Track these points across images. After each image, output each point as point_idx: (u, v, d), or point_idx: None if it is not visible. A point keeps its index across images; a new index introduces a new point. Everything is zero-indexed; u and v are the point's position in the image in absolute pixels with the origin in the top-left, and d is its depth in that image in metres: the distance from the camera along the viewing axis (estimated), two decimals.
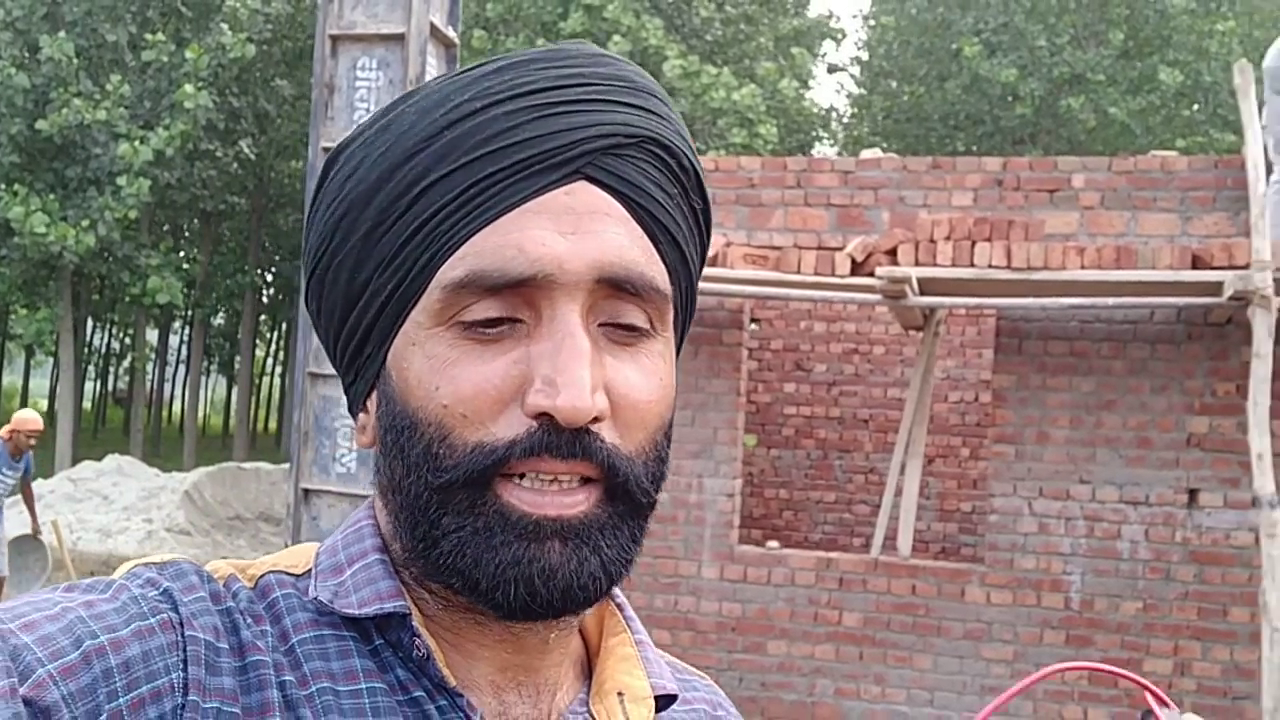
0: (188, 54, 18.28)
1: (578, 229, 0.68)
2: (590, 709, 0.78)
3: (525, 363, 0.67)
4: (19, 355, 40.98)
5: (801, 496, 10.65)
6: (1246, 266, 5.59)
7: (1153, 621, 6.43)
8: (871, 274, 6.16)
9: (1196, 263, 5.95)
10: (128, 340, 36.61)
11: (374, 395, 0.74)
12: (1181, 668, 6.38)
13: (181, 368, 40.66)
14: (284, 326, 35.69)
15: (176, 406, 43.94)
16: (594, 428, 0.67)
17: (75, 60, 18.13)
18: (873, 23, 23.24)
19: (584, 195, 0.69)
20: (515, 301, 0.68)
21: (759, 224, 6.96)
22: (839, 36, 19.98)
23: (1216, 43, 16.89)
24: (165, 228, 25.17)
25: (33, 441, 9.10)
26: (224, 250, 25.93)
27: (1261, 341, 5.44)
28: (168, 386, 41.89)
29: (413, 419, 0.69)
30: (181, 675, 0.65)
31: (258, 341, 35.17)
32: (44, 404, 43.45)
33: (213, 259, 24.77)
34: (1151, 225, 6.50)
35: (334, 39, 4.22)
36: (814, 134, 19.90)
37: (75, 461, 18.13)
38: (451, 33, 4.50)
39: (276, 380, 42.71)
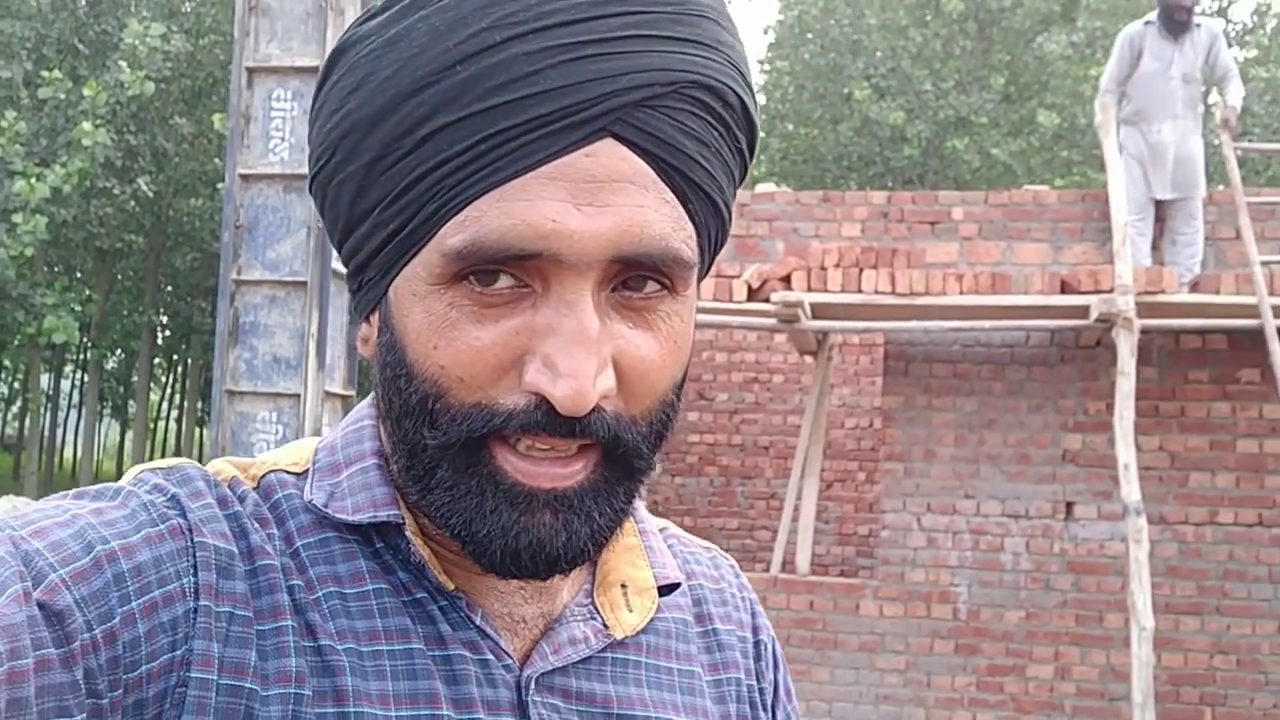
0: (85, 91, 18.09)
1: (595, 200, 0.62)
2: (595, 601, 0.77)
3: (528, 333, 0.64)
4: None
5: (706, 523, 10.88)
6: (1110, 291, 6.01)
7: (1035, 629, 6.78)
8: (767, 300, 6.47)
9: (1065, 288, 6.37)
10: (16, 384, 35.63)
11: (377, 314, 0.71)
12: (1062, 672, 6.74)
13: (74, 412, 39.58)
14: (181, 369, 35.08)
15: (68, 452, 42.75)
16: (601, 404, 0.64)
17: None
18: (768, 68, 23.89)
19: (607, 158, 0.63)
20: (526, 269, 0.63)
21: None
22: None
23: (1090, 87, 17.78)
24: (58, 268, 24.69)
25: None
26: (120, 290, 25.51)
27: (1125, 360, 5.85)
28: (59, 431, 40.74)
29: (410, 369, 0.66)
30: (193, 580, 0.65)
31: (153, 385, 34.46)
32: None
33: (109, 298, 24.36)
34: (1025, 254, 6.92)
35: (250, 71, 4.38)
36: None
37: None
38: None
39: (173, 425, 41.85)
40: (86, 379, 27.70)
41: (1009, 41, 19.22)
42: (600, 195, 0.62)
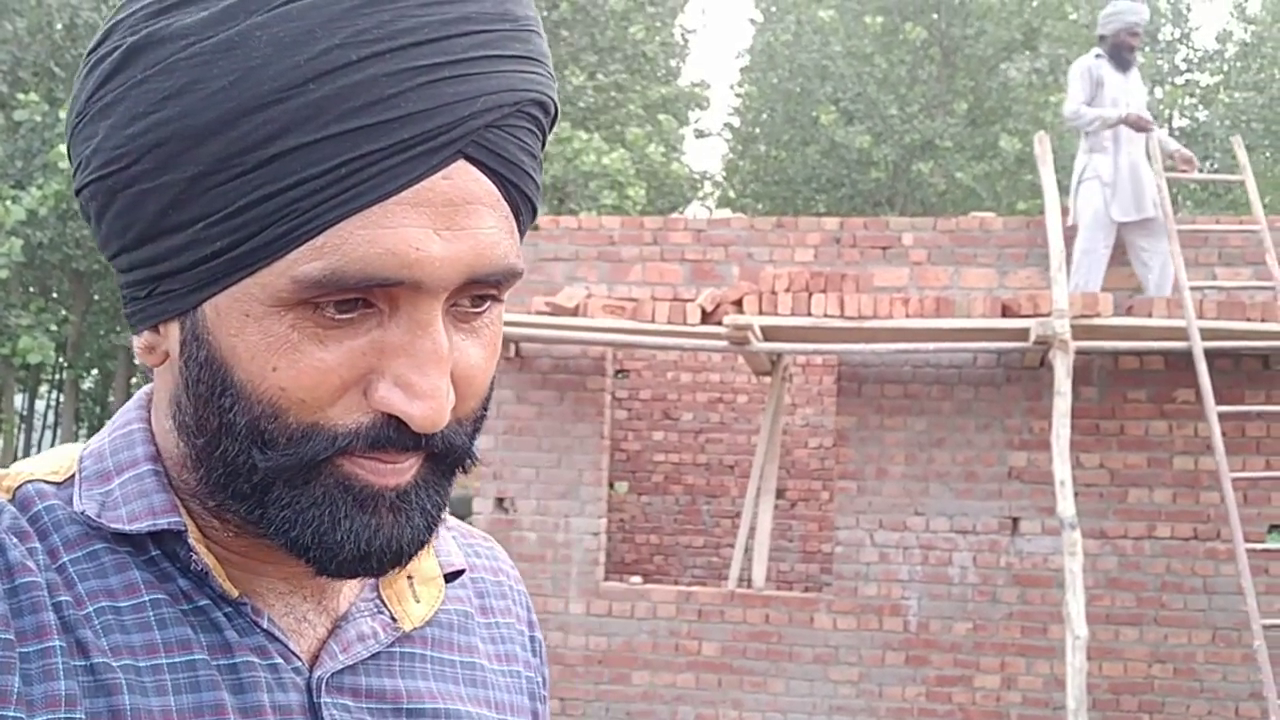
0: (61, 114, 18.22)
1: (453, 224, 0.62)
2: (380, 594, 0.76)
3: (376, 352, 0.63)
4: None
5: (671, 541, 11.06)
6: (1049, 314, 6.27)
7: (982, 640, 7.00)
8: (720, 323, 6.70)
9: (1006, 312, 6.62)
10: None
11: (172, 326, 0.67)
12: (1008, 682, 6.96)
13: (48, 432, 39.47)
14: None
15: None
16: None
17: None
18: (740, 91, 24.22)
19: (461, 180, 0.63)
20: (372, 292, 0.62)
21: (618, 278, 7.47)
22: (704, 104, 20.85)
23: (1051, 113, 18.19)
24: (32, 289, 24.75)
25: None
26: (97, 310, 25.58)
27: (1061, 381, 6.11)
28: (34, 451, 40.57)
29: (241, 389, 0.63)
30: None
31: None
32: None
33: (85, 319, 24.43)
34: (972, 279, 7.18)
35: None
36: (683, 196, 20.66)
37: None
38: None
39: None
40: (63, 399, 27.69)
41: (972, 68, 19.60)
42: (457, 219, 0.62)
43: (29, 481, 0.69)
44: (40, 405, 38.43)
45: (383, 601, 0.76)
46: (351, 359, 0.63)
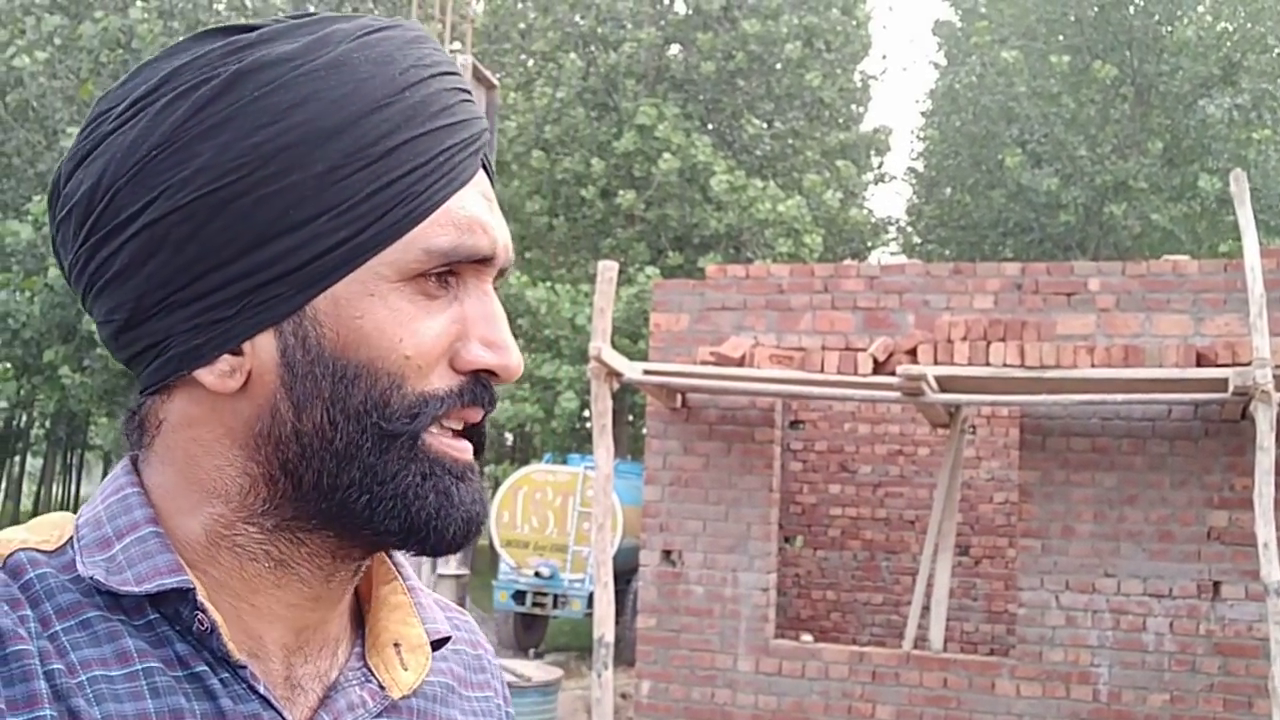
0: None
1: (493, 212, 0.75)
2: (367, 662, 0.78)
3: (461, 321, 0.73)
4: (96, 465, 42.10)
5: (849, 598, 10.77)
6: (1249, 364, 5.83)
7: (1180, 713, 6.52)
8: (893, 373, 6.48)
9: (1202, 360, 6.20)
10: None
11: (264, 339, 0.70)
12: None
13: None
14: None
15: None
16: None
17: None
18: (924, 135, 23.81)
19: (484, 181, 0.77)
20: (461, 267, 0.73)
21: (787, 327, 7.33)
22: (884, 149, 20.54)
23: (1254, 150, 17.17)
24: None
25: None
26: None
27: (1264, 435, 5.66)
28: None
29: (364, 367, 0.70)
30: None
31: None
32: None
33: None
34: (1165, 326, 6.76)
35: None
36: (864, 243, 20.35)
37: None
38: (493, 77, 4.89)
39: None
40: None
41: (1168, 106, 18.74)
42: (494, 210, 0.76)
43: (20, 549, 0.70)
44: None
45: (370, 670, 0.78)
46: (448, 326, 0.72)
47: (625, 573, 11.97)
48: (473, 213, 0.72)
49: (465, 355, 0.72)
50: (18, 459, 35.44)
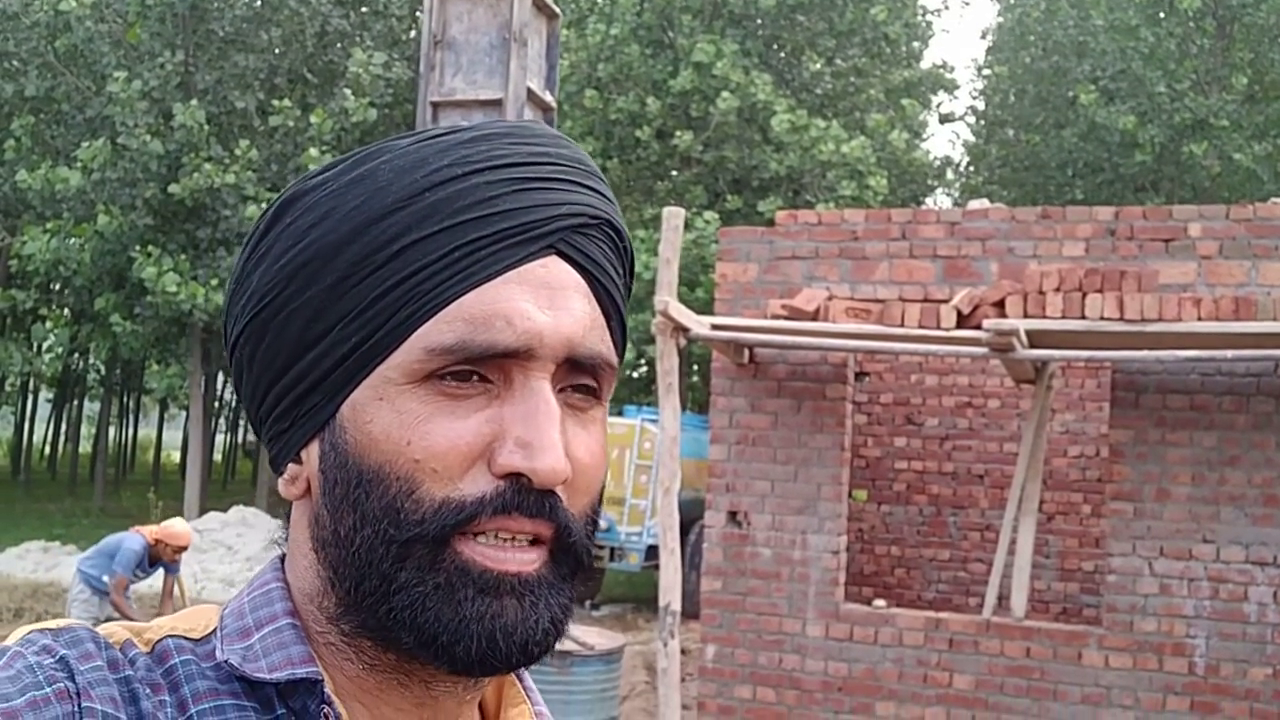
0: (313, 119, 18.96)
1: (553, 304, 0.71)
2: None
3: (497, 422, 0.69)
4: (153, 409, 42.57)
5: (914, 554, 10.44)
6: None
7: None
8: (978, 326, 6.04)
9: None
10: None
11: (313, 446, 0.73)
12: None
13: None
14: None
15: None
16: (557, 489, 0.69)
17: (206, 127, 18.94)
18: (987, 72, 23.00)
19: (556, 270, 0.72)
20: (488, 366, 0.69)
21: (863, 277, 6.90)
22: (951, 87, 19.80)
23: None
24: None
25: (177, 557, 8.47)
26: None
27: None
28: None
29: (377, 473, 0.69)
30: None
31: None
32: (176, 455, 44.98)
33: None
34: (1273, 275, 6.26)
35: (435, 105, 4.35)
36: (928, 184, 19.71)
37: (203, 512, 18.71)
38: (549, 97, 4.60)
39: None
40: None
41: (1252, 38, 17.84)
42: (556, 300, 0.71)
43: (169, 636, 0.73)
44: None
45: None
46: (476, 429, 0.69)
47: (682, 525, 11.73)
48: (497, 306, 0.69)
49: (498, 458, 0.68)
50: (76, 403, 35.84)
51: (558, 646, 0.72)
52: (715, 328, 6.47)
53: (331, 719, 0.70)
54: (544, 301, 0.70)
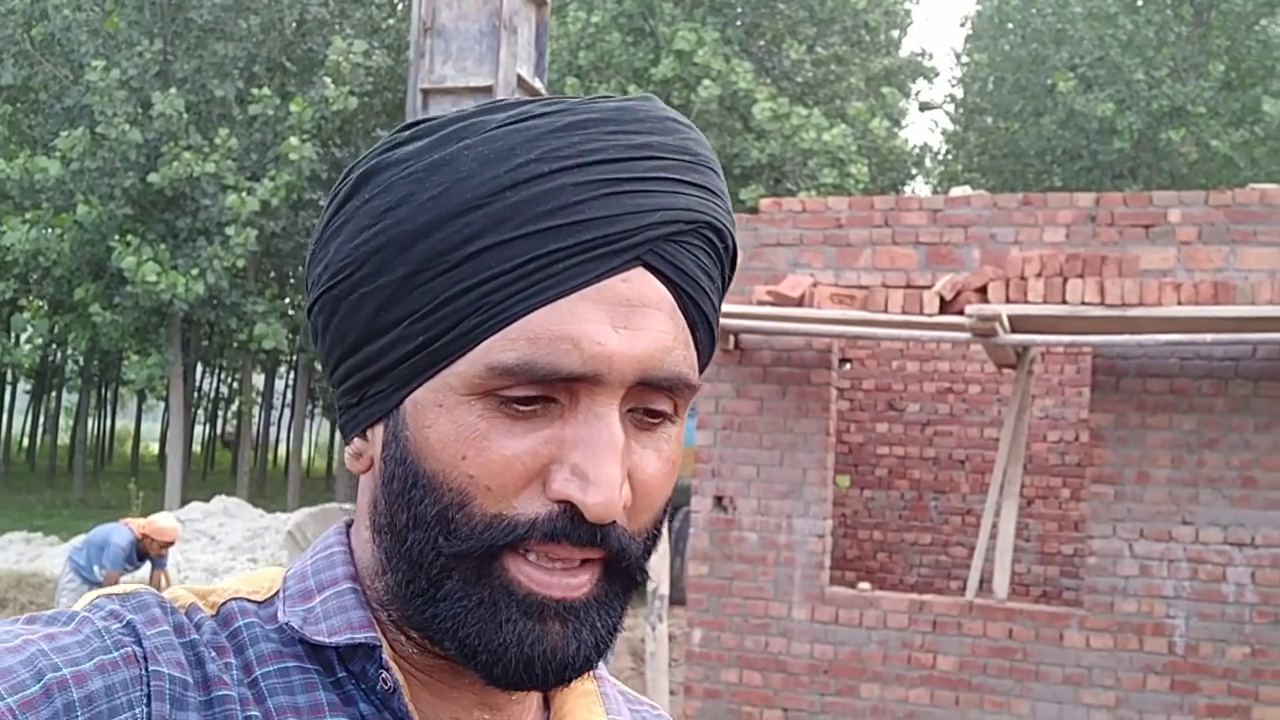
0: (292, 107, 18.89)
1: (630, 324, 0.67)
2: None
3: (556, 444, 0.66)
4: (131, 400, 42.36)
5: (896, 538, 10.53)
6: None
7: (1261, 667, 6.22)
8: (961, 312, 6.11)
9: None
10: (235, 385, 37.63)
11: (378, 429, 0.72)
12: None
13: (287, 411, 41.60)
14: None
15: (282, 449, 44.96)
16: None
17: (185, 115, 18.86)
18: (966, 60, 23.09)
19: (640, 284, 0.68)
20: (555, 385, 0.66)
21: (846, 264, 6.95)
22: (931, 75, 19.88)
23: None
24: (271, 275, 25.92)
25: (164, 551, 8.53)
26: None
27: None
28: (273, 429, 42.88)
29: (431, 480, 0.67)
30: (145, 710, 0.64)
31: None
32: (155, 447, 44.80)
33: None
34: (1251, 259, 6.35)
35: (425, 93, 4.37)
36: (907, 172, 19.78)
37: (184, 503, 18.66)
38: (538, 84, 4.62)
39: None
40: (297, 380, 29.01)
41: (1229, 26, 17.98)
42: (634, 319, 0.67)
43: (233, 599, 0.73)
44: (279, 385, 40.55)
45: None
46: (534, 450, 0.66)
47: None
48: (566, 327, 0.66)
49: (553, 483, 0.67)
50: (54, 394, 35.65)
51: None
52: None
53: (389, 683, 0.70)
54: (620, 321, 0.67)
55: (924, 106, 22.69)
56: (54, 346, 26.31)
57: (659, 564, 6.17)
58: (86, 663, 0.64)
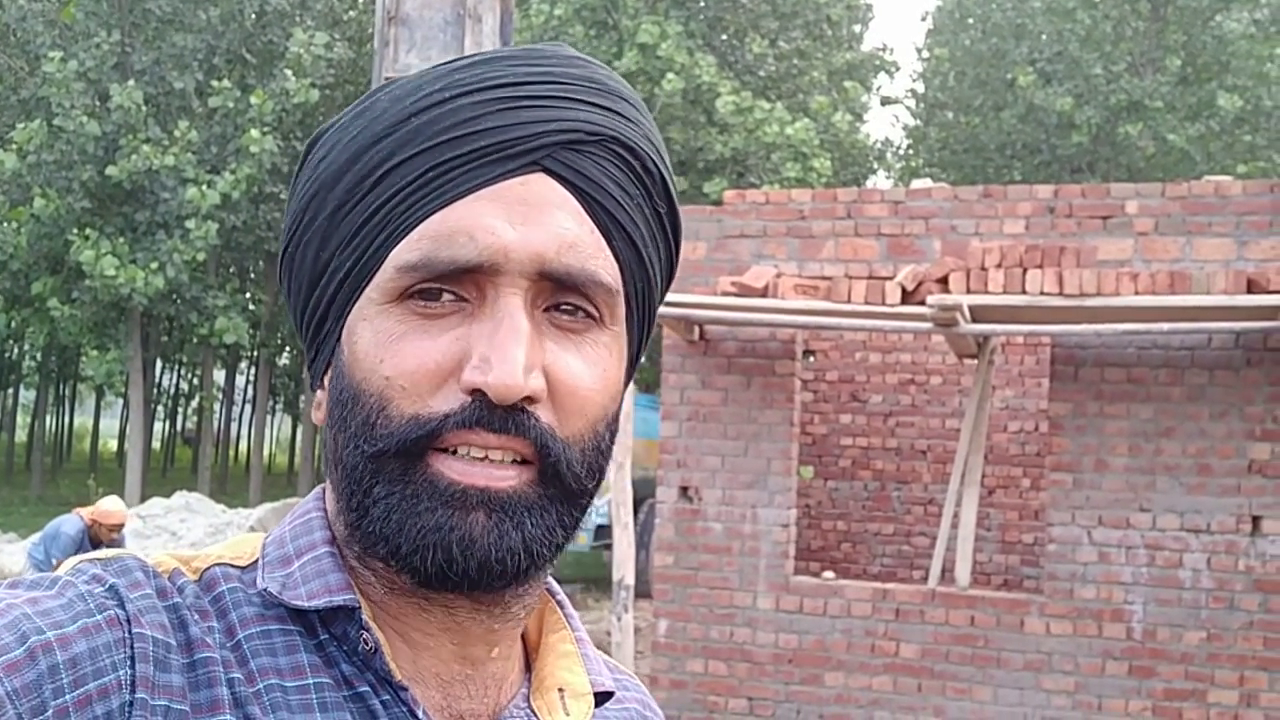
0: (253, 100, 18.74)
1: (527, 220, 0.70)
2: (531, 704, 0.79)
3: (465, 340, 0.69)
4: (89, 396, 41.88)
5: (859, 528, 10.60)
6: None
7: (1217, 651, 6.33)
8: (922, 303, 6.17)
9: (1252, 287, 5.90)
10: (196, 381, 37.30)
11: (331, 368, 0.75)
12: (1248, 699, 6.27)
13: (248, 407, 41.27)
14: None
15: (243, 445, 44.60)
16: (529, 407, 0.69)
17: (144, 108, 18.66)
18: (927, 54, 23.23)
19: (538, 187, 0.71)
20: (463, 282, 0.69)
21: (810, 255, 7.00)
22: (892, 69, 20.00)
23: (1276, 67, 16.70)
24: (231, 269, 25.70)
25: (114, 535, 8.34)
26: None
27: None
28: (234, 425, 42.53)
29: (356, 390, 0.70)
30: (129, 672, 0.65)
31: None
32: (114, 444, 44.31)
33: (277, 299, 25.25)
34: (1207, 250, 6.45)
35: (390, 82, 4.34)
36: (869, 166, 19.89)
37: (145, 499, 18.49)
38: None
39: None
40: (258, 376, 28.79)
41: (1185, 21, 18.21)
42: (531, 215, 0.70)
43: (216, 564, 0.74)
44: (240, 381, 40.21)
45: (533, 712, 0.78)
46: (445, 348, 0.69)
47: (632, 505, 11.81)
48: (462, 222, 0.69)
49: (463, 374, 0.69)
50: (10, 391, 35.18)
51: (533, 570, 0.72)
52: (665, 305, 6.55)
53: (370, 644, 0.71)
54: (516, 218, 0.70)
55: (885, 101, 22.81)
56: (11, 342, 25.98)
57: (624, 555, 6.20)
58: (70, 626, 0.64)
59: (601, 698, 0.82)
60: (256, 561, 0.75)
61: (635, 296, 0.77)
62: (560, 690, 0.80)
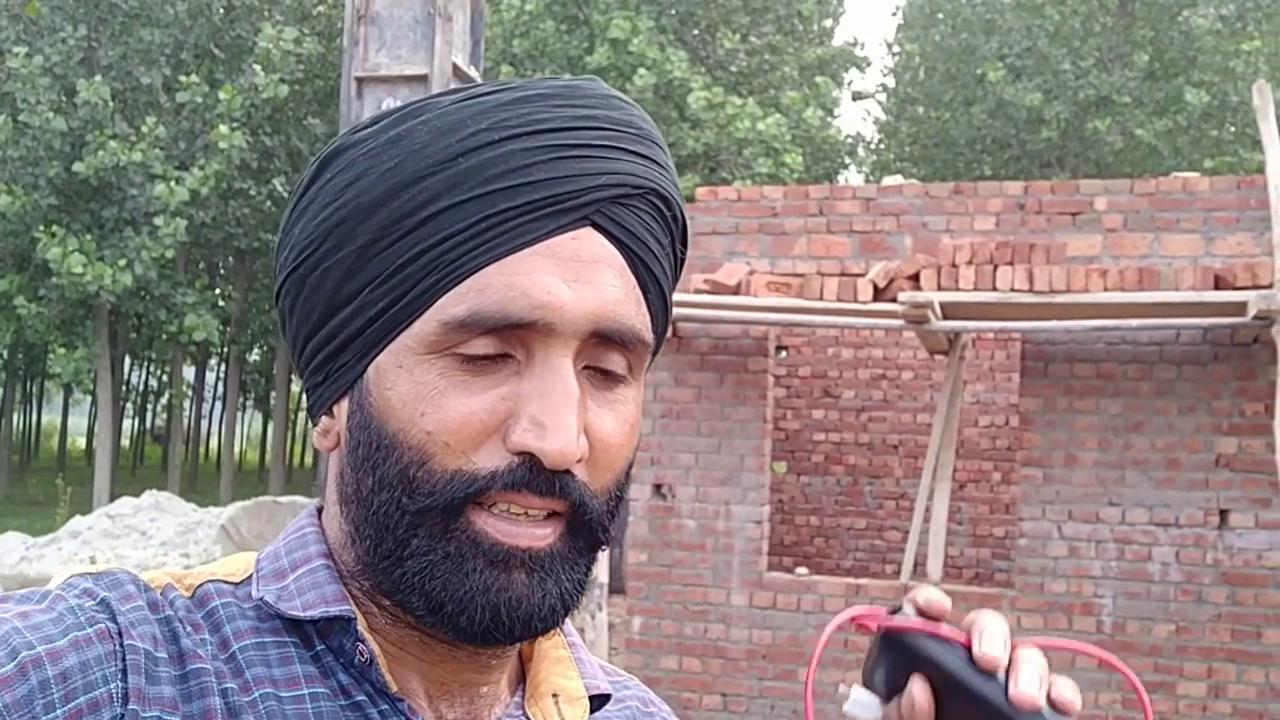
0: (221, 95, 18.59)
1: (580, 277, 0.69)
2: (526, 712, 0.79)
3: (513, 399, 0.68)
4: (57, 394, 41.49)
5: (832, 523, 10.64)
6: (1270, 286, 5.59)
7: (1186, 644, 6.39)
8: (894, 299, 6.19)
9: (1219, 283, 5.95)
10: (165, 378, 37.02)
11: (344, 402, 0.74)
12: (1216, 690, 6.34)
13: (218, 404, 40.99)
14: None
15: (214, 442, 44.29)
16: (572, 468, 0.69)
17: (111, 103, 18.48)
18: (898, 50, 23.31)
19: (589, 242, 0.71)
20: (509, 339, 0.69)
21: (782, 252, 7.02)
22: (863, 65, 20.06)
23: (1243, 63, 16.84)
24: (201, 266, 25.50)
25: None
26: (258, 287, 26.24)
27: None
28: (204, 423, 42.24)
29: (392, 440, 0.69)
30: (121, 685, 0.65)
31: (292, 377, 35.46)
32: (82, 442, 43.93)
33: (247, 296, 25.07)
34: (1175, 246, 6.50)
35: (359, 81, 4.33)
36: (840, 161, 19.95)
37: (114, 498, 18.34)
38: (474, 72, 4.60)
39: None
40: (229, 373, 28.60)
41: (1153, 16, 18.35)
42: (584, 273, 0.70)
43: (209, 581, 0.74)
44: (210, 378, 39.93)
45: (528, 719, 0.79)
46: (492, 405, 0.68)
47: None
48: (516, 279, 0.68)
49: (511, 435, 0.68)
50: None
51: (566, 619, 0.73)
52: None
53: (366, 654, 0.72)
54: (570, 275, 0.69)
55: (856, 96, 22.88)
56: None
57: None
58: (61, 639, 0.64)
59: (598, 701, 0.82)
60: (250, 577, 0.76)
61: (655, 337, 0.78)
62: (554, 696, 0.80)
